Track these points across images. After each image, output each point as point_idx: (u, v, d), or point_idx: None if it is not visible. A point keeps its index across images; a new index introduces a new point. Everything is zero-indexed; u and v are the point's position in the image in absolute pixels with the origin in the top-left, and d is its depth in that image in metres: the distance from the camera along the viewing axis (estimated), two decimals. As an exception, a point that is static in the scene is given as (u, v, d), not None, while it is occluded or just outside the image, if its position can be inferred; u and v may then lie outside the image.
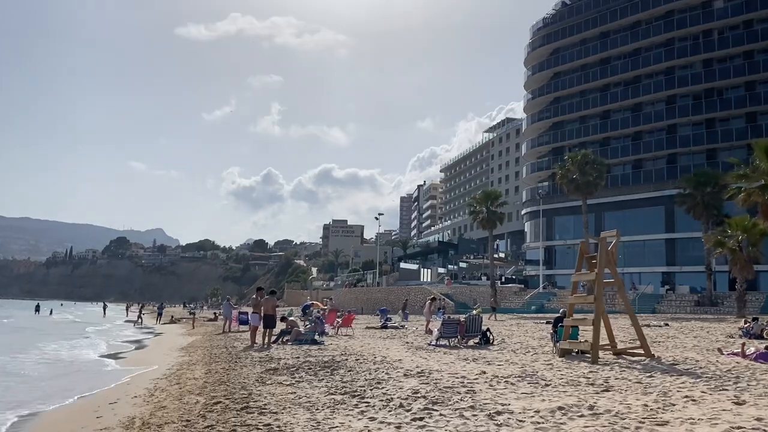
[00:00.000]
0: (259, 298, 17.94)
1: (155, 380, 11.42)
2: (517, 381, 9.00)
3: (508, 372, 10.09)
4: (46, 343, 24.97)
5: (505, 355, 13.37)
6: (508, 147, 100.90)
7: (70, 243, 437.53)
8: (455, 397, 7.59)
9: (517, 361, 12.11)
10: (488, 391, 8.06)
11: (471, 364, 11.44)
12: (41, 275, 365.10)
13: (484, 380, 9.06)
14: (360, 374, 10.07)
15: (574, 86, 66.18)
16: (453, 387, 8.38)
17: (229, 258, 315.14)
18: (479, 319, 16.94)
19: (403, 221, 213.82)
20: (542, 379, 9.16)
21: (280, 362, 12.26)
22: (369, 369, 10.72)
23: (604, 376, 9.54)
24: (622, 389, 8.23)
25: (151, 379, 11.76)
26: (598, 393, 7.92)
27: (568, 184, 46.61)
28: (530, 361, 11.96)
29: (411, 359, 12.39)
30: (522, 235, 78.70)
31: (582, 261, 13.26)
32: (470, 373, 9.96)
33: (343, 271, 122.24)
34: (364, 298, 64.38)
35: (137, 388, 10.66)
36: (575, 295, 13.48)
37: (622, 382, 8.95)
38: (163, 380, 11.33)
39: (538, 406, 6.92)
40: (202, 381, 10.32)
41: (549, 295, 50.94)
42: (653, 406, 6.97)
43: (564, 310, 14.37)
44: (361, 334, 22.34)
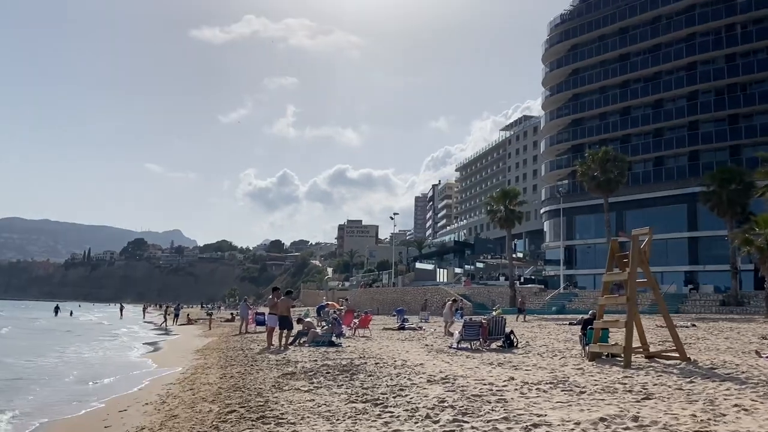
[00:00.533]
0: (276, 299, 17.50)
1: (168, 385, 11.02)
2: (549, 388, 8.44)
3: (538, 378, 9.54)
4: (67, 345, 24.89)
5: (532, 359, 12.80)
6: (526, 145, 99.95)
7: (88, 244, 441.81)
8: (485, 406, 7.06)
9: (545, 365, 11.54)
10: (520, 399, 7.51)
11: (497, 369, 10.89)
12: (60, 276, 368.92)
13: (513, 387, 8.52)
14: (381, 380, 9.57)
15: (593, 83, 65.20)
16: (482, 395, 7.84)
17: (246, 258, 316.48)
18: (502, 320, 16.36)
19: (418, 221, 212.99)
20: (576, 386, 8.59)
21: (297, 366, 11.79)
22: (390, 374, 10.21)
23: (640, 382, 8.96)
24: (664, 397, 7.65)
25: (164, 384, 11.36)
26: (639, 401, 7.35)
27: (589, 181, 45.77)
28: (559, 366, 11.38)
29: (433, 363, 11.87)
30: (540, 235, 77.77)
31: (612, 260, 12.64)
32: (498, 379, 9.42)
33: (358, 271, 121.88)
34: (380, 299, 63.90)
35: (149, 394, 10.25)
36: (606, 296, 12.86)
37: (661, 388, 8.36)
38: (177, 385, 10.92)
39: (578, 417, 6.37)
40: (216, 387, 9.87)
41: (570, 295, 50.11)
42: (702, 416, 6.40)
43: (593, 312, 13.78)
44: (378, 336, 21.84)
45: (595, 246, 61.84)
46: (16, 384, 13.14)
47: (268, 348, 16.62)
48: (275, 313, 17.22)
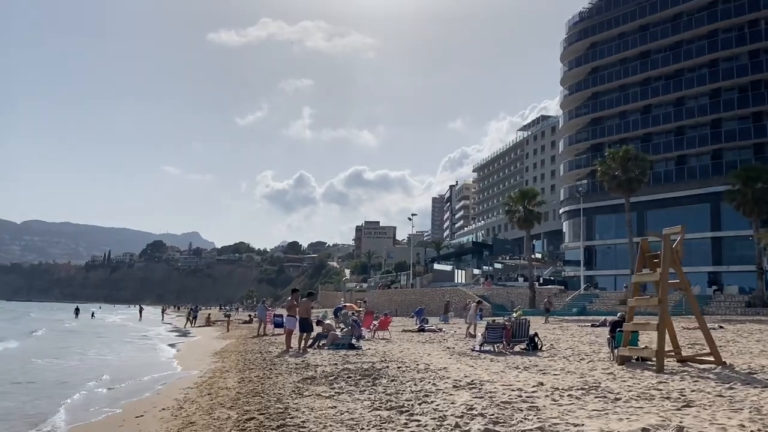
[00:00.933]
0: (294, 300, 17.21)
1: (186, 390, 10.75)
2: (581, 394, 8.05)
3: (568, 383, 9.14)
4: (89, 348, 24.87)
5: (558, 363, 12.38)
6: (543, 145, 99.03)
7: (108, 247, 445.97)
8: (517, 414, 6.69)
9: (573, 369, 11.13)
10: (553, 407, 7.13)
11: (524, 374, 10.50)
12: (81, 278, 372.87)
13: (544, 393, 8.13)
14: (405, 385, 9.23)
15: (613, 81, 64.38)
16: (511, 402, 7.46)
17: (263, 260, 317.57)
18: (526, 322, 15.94)
19: (435, 222, 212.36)
20: (609, 392, 8.19)
21: (318, 370, 11.48)
22: (413, 379, 9.86)
23: (677, 388, 8.54)
24: (705, 405, 7.23)
25: (181, 388, 11.09)
26: (679, 409, 6.94)
27: (610, 181, 45.04)
28: (588, 370, 10.96)
29: (457, 367, 11.50)
30: (559, 235, 76.95)
31: (643, 260, 12.19)
32: (526, 384, 9.04)
33: (375, 272, 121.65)
34: (398, 300, 63.50)
35: (166, 399, 9.99)
36: (636, 297, 12.41)
37: (700, 395, 7.94)
38: (194, 390, 10.65)
39: (617, 427, 5.98)
40: (234, 391, 9.59)
41: (591, 296, 49.39)
42: (752, 426, 5.99)
43: (622, 314, 13.34)
44: (398, 338, 21.50)
45: (615, 247, 61.01)
46: (33, 387, 13.00)
47: (286, 351, 16.34)
48: (294, 315, 16.94)
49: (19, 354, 21.72)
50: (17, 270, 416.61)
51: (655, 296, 11.51)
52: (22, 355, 20.97)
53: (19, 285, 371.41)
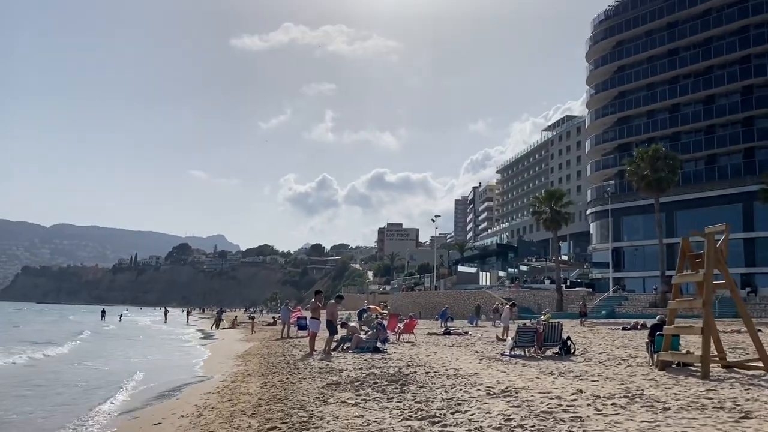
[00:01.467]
0: (318, 302, 16.80)
1: (206, 395, 10.37)
2: (626, 403, 7.49)
3: (609, 390, 8.58)
4: (119, 350, 24.81)
5: (594, 368, 11.79)
6: (569, 145, 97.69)
7: (135, 250, 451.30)
8: (560, 426, 6.17)
9: (611, 375, 10.53)
10: (598, 418, 6.59)
11: (560, 380, 9.94)
12: (108, 281, 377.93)
13: (585, 402, 7.58)
14: (435, 392, 8.73)
15: (641, 79, 63.19)
16: (552, 412, 6.93)
17: (287, 262, 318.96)
18: (559, 326, 15.32)
19: (458, 224, 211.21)
20: (656, 401, 7.62)
21: (342, 374, 11.04)
22: (444, 385, 9.36)
23: (728, 397, 7.93)
24: (765, 416, 6.64)
25: (202, 393, 10.71)
26: (738, 421, 6.37)
27: (639, 181, 44.03)
28: (628, 376, 10.36)
29: (488, 373, 10.97)
30: (585, 237, 75.73)
31: (684, 260, 11.55)
32: (564, 391, 8.49)
33: (398, 274, 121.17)
34: (422, 302, 62.91)
35: (186, 405, 9.61)
36: (678, 300, 11.77)
37: (757, 405, 7.33)
38: (215, 395, 10.26)
39: (673, 442, 5.44)
40: (256, 398, 9.17)
41: (620, 299, 48.34)
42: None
43: (661, 317, 12.70)
44: (423, 341, 21.00)
45: (643, 248, 59.83)
46: (59, 393, 12.77)
47: (310, 354, 15.92)
48: (318, 318, 16.55)
49: (71, 356, 21.82)
50: (47, 273, 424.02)
51: (698, 298, 10.87)
52: (74, 357, 21.09)
53: (48, 288, 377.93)
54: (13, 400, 11.17)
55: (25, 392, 12.42)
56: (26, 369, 17.07)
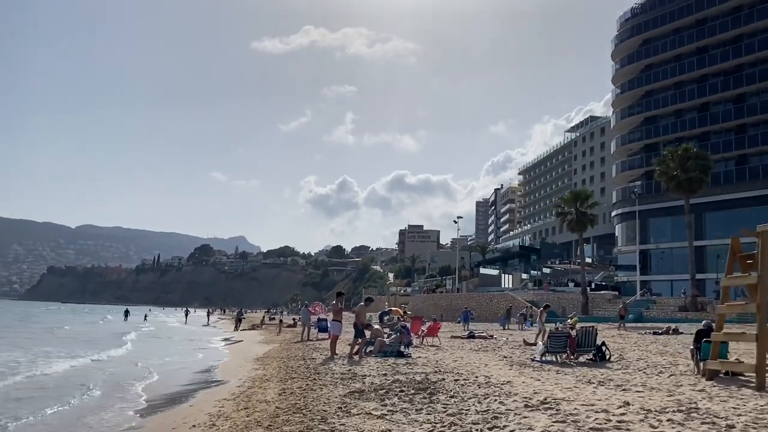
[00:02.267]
0: (339, 304, 16.17)
1: (221, 402, 9.77)
2: (683, 419, 6.73)
3: (659, 403, 7.82)
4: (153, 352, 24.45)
5: (635, 376, 11.01)
6: (592, 147, 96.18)
7: (157, 250, 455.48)
8: (615, 447, 5.46)
9: (655, 385, 9.76)
10: (655, 437, 5.86)
11: (601, 390, 9.20)
12: (131, 281, 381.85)
13: (637, 417, 6.84)
14: (467, 402, 8.05)
15: (668, 78, 61.83)
16: (602, 429, 6.21)
17: (308, 264, 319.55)
18: (593, 331, 14.52)
19: (479, 226, 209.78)
20: (715, 416, 6.86)
21: (366, 381, 10.39)
22: (476, 395, 8.67)
23: (794, 412, 7.14)
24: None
25: (217, 399, 10.10)
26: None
27: (669, 181, 42.75)
28: (673, 386, 9.58)
29: (522, 381, 10.25)
30: (609, 240, 74.37)
31: (734, 261, 10.72)
32: (609, 404, 7.75)
33: (419, 276, 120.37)
34: (444, 305, 62.06)
35: (199, 413, 9.02)
36: (728, 304, 10.95)
37: (830, 422, 6.54)
38: (230, 402, 9.65)
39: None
40: (274, 406, 8.55)
41: (647, 302, 47.09)
42: None
43: (708, 322, 11.88)
44: (448, 345, 20.30)
45: (671, 250, 58.49)
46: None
47: (331, 358, 15.31)
48: (339, 320, 15.93)
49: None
50: (72, 273, 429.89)
51: (751, 302, 10.05)
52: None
53: (73, 288, 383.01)
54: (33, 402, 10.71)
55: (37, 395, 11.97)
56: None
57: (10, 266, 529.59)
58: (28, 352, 21.74)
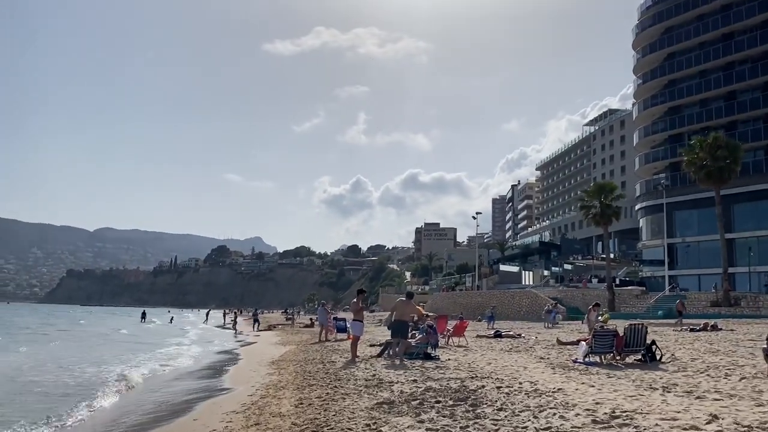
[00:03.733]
0: (360, 303, 14.84)
1: (229, 415, 8.51)
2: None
3: (752, 416, 6.47)
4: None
5: (699, 380, 9.64)
6: (612, 140, 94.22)
7: (174, 252, 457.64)
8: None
9: (730, 390, 8.40)
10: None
11: (671, 398, 7.84)
12: (149, 283, 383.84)
13: (738, 436, 5.52)
14: (520, 417, 6.72)
15: (692, 66, 59.85)
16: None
17: (324, 264, 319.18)
18: (643, 329, 13.10)
19: (496, 223, 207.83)
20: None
21: (394, 389, 9.12)
22: (527, 406, 7.33)
23: None
24: None
25: (224, 412, 8.83)
26: None
27: (697, 171, 41.04)
28: (754, 392, 8.21)
29: (574, 388, 8.91)
30: (630, 234, 72.39)
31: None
32: (693, 417, 6.40)
33: (437, 274, 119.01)
34: (464, 303, 60.63)
35: (203, 429, 7.82)
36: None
37: None
38: (240, 415, 8.39)
39: None
40: (289, 422, 7.28)
41: (677, 298, 45.22)
42: None
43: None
44: (475, 345, 18.97)
45: (698, 244, 56.63)
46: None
47: (352, 361, 14.04)
48: (361, 320, 14.65)
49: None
50: (90, 276, 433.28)
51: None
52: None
53: (92, 290, 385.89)
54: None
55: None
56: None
57: (31, 270, 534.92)
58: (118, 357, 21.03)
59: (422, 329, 14.63)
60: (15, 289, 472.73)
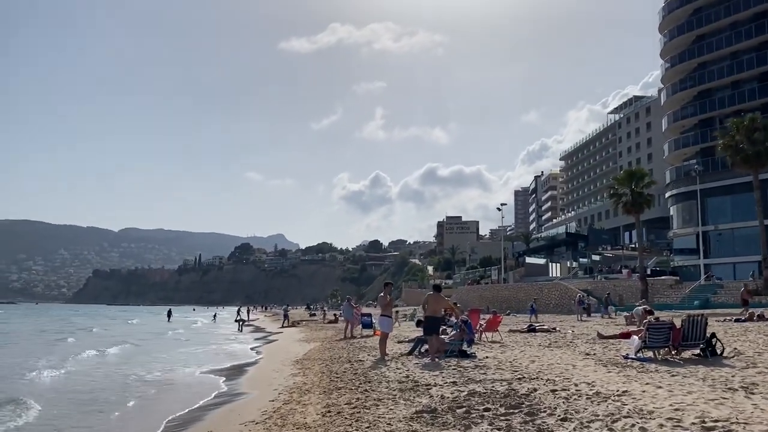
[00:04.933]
0: (388, 296, 13.75)
1: (247, 426, 7.55)
2: None
3: None
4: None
5: (780, 378, 8.45)
6: (638, 127, 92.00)
7: (199, 251, 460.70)
8: None
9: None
10: None
11: (759, 400, 6.70)
12: (174, 282, 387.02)
13: None
14: (590, 429, 5.63)
15: (723, 48, 57.74)
16: None
17: (346, 259, 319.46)
18: (702, 320, 11.88)
19: (519, 215, 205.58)
20: None
21: (432, 392, 8.09)
22: (596, 415, 6.15)
23: None
24: None
25: (242, 422, 7.84)
26: None
27: (734, 155, 39.28)
28: None
29: (641, 390, 7.73)
30: (657, 223, 70.29)
31: None
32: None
33: (460, 268, 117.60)
34: (490, 296, 59.48)
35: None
36: None
37: None
38: (260, 426, 7.41)
39: None
40: (315, 435, 6.32)
41: (713, 287, 43.63)
42: None
43: None
44: (511, 341, 17.86)
45: (732, 231, 54.70)
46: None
47: (382, 360, 13.03)
48: (389, 315, 13.64)
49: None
50: (116, 276, 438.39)
51: None
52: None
53: (118, 290, 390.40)
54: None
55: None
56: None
57: (58, 271, 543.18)
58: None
59: (455, 325, 13.52)
60: (44, 290, 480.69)
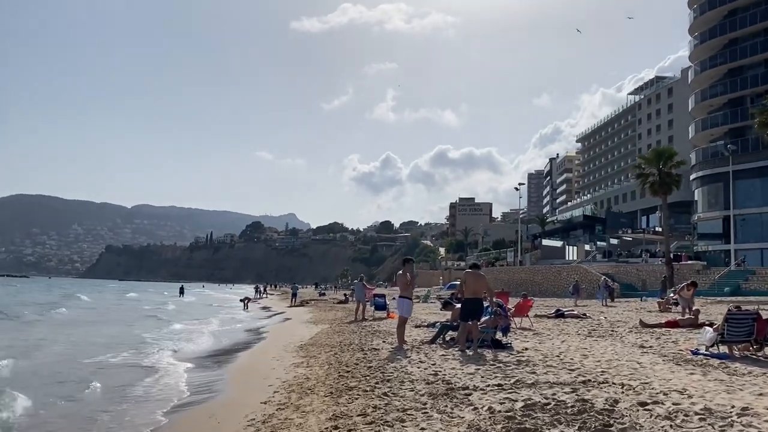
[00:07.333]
0: (408, 274, 11.72)
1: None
2: None
3: None
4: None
5: None
6: (659, 109, 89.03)
7: (210, 228, 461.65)
8: None
9: None
10: None
11: None
12: (185, 259, 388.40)
13: None
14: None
15: (756, 23, 54.90)
16: None
17: (357, 240, 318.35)
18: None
19: (532, 198, 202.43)
20: None
21: (473, 400, 6.15)
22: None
23: None
24: None
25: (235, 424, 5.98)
26: None
27: (772, 134, 36.89)
28: None
29: (754, 401, 5.84)
30: (679, 207, 67.82)
31: None
32: None
33: (472, 250, 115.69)
34: (505, 279, 57.40)
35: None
36: None
37: None
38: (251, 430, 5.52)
39: None
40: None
41: (744, 273, 41.44)
42: None
43: None
44: (542, 328, 15.94)
45: (760, 215, 52.36)
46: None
47: (400, 349, 11.14)
48: (409, 297, 11.71)
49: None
50: (129, 252, 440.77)
51: None
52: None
53: (130, 266, 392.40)
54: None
55: None
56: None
57: (71, 246, 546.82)
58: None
59: (488, 310, 11.57)
60: (57, 264, 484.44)
